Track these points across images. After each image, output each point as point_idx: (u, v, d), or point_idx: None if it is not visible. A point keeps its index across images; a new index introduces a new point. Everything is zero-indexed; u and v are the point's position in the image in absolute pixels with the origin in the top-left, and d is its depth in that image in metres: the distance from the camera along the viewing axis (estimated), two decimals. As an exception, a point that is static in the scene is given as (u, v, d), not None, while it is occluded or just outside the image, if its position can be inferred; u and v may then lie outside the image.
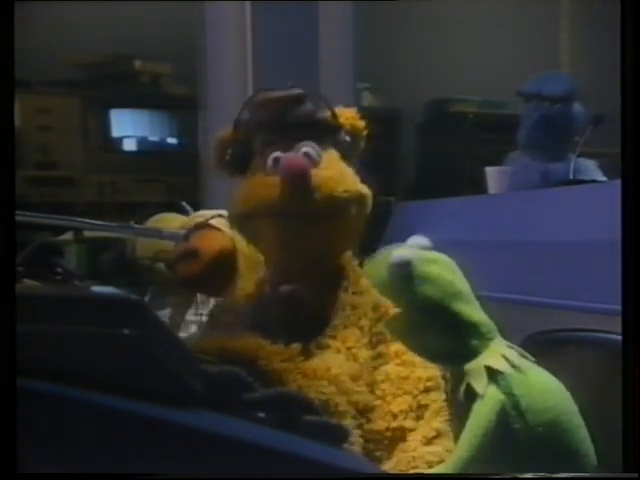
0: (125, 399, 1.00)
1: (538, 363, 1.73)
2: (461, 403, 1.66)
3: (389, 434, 1.66)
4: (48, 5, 4.65)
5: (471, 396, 1.64)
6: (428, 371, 1.71)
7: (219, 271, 1.90)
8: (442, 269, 1.71)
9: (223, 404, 1.09)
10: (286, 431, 1.13)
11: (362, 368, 1.70)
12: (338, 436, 1.23)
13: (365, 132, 1.86)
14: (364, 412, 1.67)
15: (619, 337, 1.32)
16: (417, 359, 1.72)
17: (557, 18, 5.98)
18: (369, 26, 4.25)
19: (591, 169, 3.36)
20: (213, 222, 1.95)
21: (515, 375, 1.64)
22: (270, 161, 1.75)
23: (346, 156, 1.84)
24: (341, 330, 1.72)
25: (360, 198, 1.79)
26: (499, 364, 1.64)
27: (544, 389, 1.66)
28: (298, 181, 1.69)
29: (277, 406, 1.15)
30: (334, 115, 1.81)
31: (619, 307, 1.31)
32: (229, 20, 3.76)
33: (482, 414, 1.61)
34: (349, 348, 1.71)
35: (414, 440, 1.66)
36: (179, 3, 4.47)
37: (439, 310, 1.67)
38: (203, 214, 2.08)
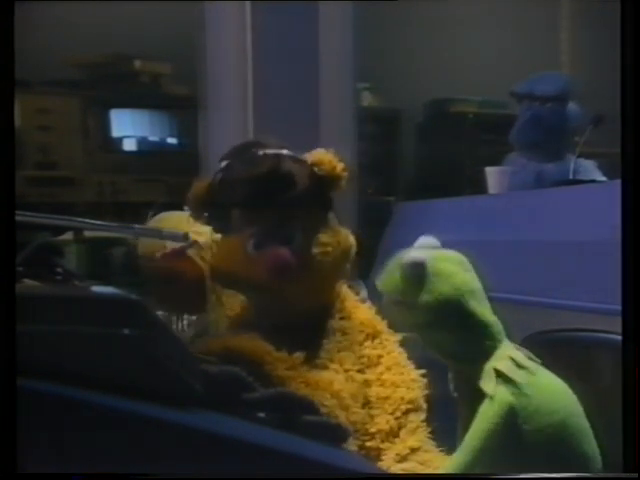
0: (125, 399, 1.00)
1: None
2: (467, 406, 1.65)
3: (363, 453, 1.67)
4: (48, 5, 4.64)
5: (478, 397, 1.64)
6: (410, 392, 1.73)
7: (191, 297, 1.97)
8: (456, 267, 1.70)
9: (223, 404, 1.09)
10: (286, 431, 1.13)
11: (359, 391, 1.71)
12: (338, 436, 1.23)
13: (344, 174, 1.81)
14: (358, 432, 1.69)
15: (619, 337, 1.32)
16: (400, 379, 1.74)
17: (557, 18, 5.98)
18: (369, 26, 4.24)
19: (591, 169, 3.35)
20: (190, 253, 2.01)
21: (525, 377, 1.64)
22: (251, 246, 1.75)
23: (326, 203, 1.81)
24: (336, 354, 1.74)
25: (343, 253, 1.80)
26: (508, 367, 1.64)
27: (553, 391, 1.66)
28: (282, 275, 1.72)
29: (277, 406, 1.15)
30: (313, 167, 1.78)
31: (619, 307, 1.31)
32: (229, 20, 3.75)
33: (487, 418, 1.61)
34: (347, 370, 1.73)
35: (387, 459, 1.68)
36: (179, 3, 4.47)
37: (454, 307, 1.66)
38: (176, 225, 2.11)
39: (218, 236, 2.07)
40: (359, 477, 1.22)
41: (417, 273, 1.66)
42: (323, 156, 1.79)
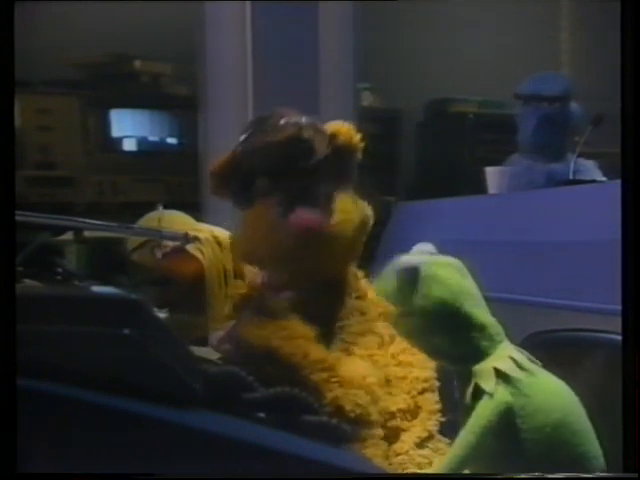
0: (125, 399, 1.00)
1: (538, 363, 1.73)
2: (466, 403, 1.66)
3: (385, 432, 1.67)
4: (48, 5, 4.65)
5: (476, 396, 1.64)
6: (425, 372, 1.73)
7: (190, 295, 1.98)
8: (452, 271, 1.71)
9: (223, 404, 1.09)
10: (286, 431, 1.13)
11: (382, 373, 1.72)
12: (338, 436, 1.23)
13: (361, 145, 1.84)
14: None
15: (619, 337, 1.32)
16: (414, 359, 1.74)
17: (557, 18, 5.98)
18: (369, 26, 4.24)
19: (591, 169, 3.35)
20: (189, 248, 2.01)
21: (523, 377, 1.65)
22: (277, 213, 1.75)
23: (346, 174, 1.82)
24: (359, 337, 1.74)
25: (362, 223, 1.80)
26: (507, 366, 1.65)
27: (552, 391, 1.66)
28: (308, 239, 1.72)
29: (277, 406, 1.15)
30: (331, 138, 1.79)
31: (619, 307, 1.31)
32: (229, 20, 3.75)
33: (483, 415, 1.61)
34: (371, 355, 1.73)
35: (407, 441, 1.68)
36: (179, 3, 4.47)
37: (450, 311, 1.68)
38: (180, 225, 2.12)
39: (220, 233, 2.08)
40: (359, 477, 1.22)
41: (411, 278, 1.67)
42: (341, 127, 1.81)
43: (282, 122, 1.76)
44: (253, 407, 1.13)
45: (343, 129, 1.82)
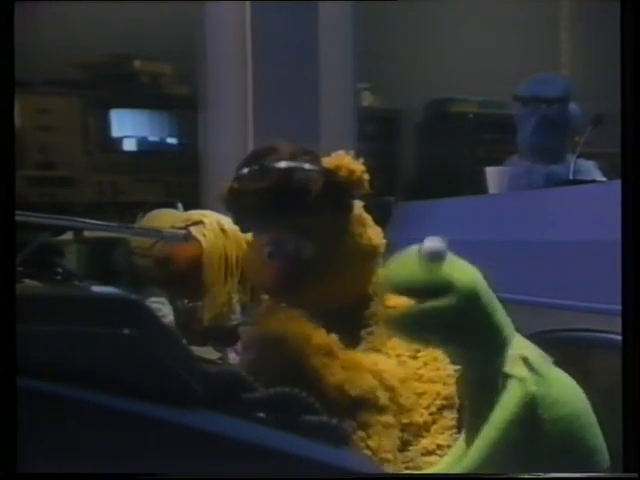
0: (125, 399, 1.00)
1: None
2: (489, 396, 1.62)
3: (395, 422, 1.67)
4: (48, 5, 4.65)
5: (502, 386, 1.61)
6: (446, 389, 1.72)
7: (190, 278, 1.97)
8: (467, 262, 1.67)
9: (223, 404, 1.09)
10: (286, 431, 1.13)
11: (410, 376, 1.71)
12: (338, 436, 1.23)
13: (364, 178, 1.77)
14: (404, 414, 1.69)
15: (619, 337, 1.32)
16: (437, 374, 1.73)
17: (557, 18, 5.98)
18: (369, 26, 4.24)
19: (591, 170, 3.35)
20: (192, 230, 2.01)
21: (546, 366, 1.63)
22: (265, 255, 1.75)
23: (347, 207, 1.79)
24: (387, 338, 1.73)
25: (367, 254, 1.78)
26: (532, 354, 1.62)
27: (566, 383, 1.64)
28: (289, 288, 1.73)
29: (277, 406, 1.15)
30: (331, 173, 1.74)
31: (619, 307, 1.31)
32: (229, 20, 3.75)
33: (508, 408, 1.58)
34: (398, 355, 1.72)
35: (414, 451, 1.68)
36: (179, 3, 4.47)
37: (479, 293, 1.61)
38: (191, 214, 2.12)
39: (226, 222, 2.08)
40: (359, 477, 1.22)
41: (439, 260, 1.60)
42: (340, 161, 1.75)
43: (275, 162, 1.72)
44: (253, 407, 1.13)
45: (343, 163, 1.75)
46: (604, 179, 3.19)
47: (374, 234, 1.81)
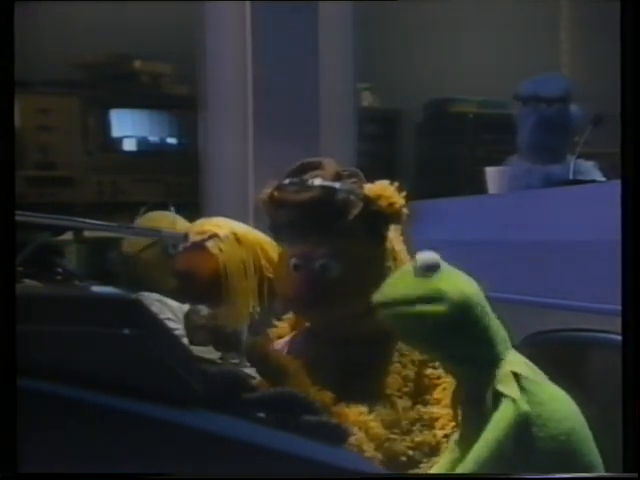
0: (125, 399, 1.00)
1: (537, 363, 1.72)
2: (481, 413, 1.62)
3: (402, 461, 1.68)
4: (48, 5, 4.65)
5: (494, 404, 1.60)
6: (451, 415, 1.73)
7: (210, 293, 1.98)
8: (463, 274, 1.67)
9: (223, 404, 1.09)
10: (286, 431, 1.13)
11: (400, 416, 1.71)
12: (338, 436, 1.23)
13: (404, 212, 1.78)
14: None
15: (619, 337, 1.32)
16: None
17: (557, 18, 5.98)
18: (369, 26, 4.24)
19: (591, 170, 3.35)
20: (208, 245, 2.01)
21: (539, 382, 1.62)
22: (291, 265, 1.77)
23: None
24: (383, 377, 1.74)
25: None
26: (525, 370, 1.61)
27: (561, 399, 1.63)
28: (308, 304, 1.76)
29: (277, 406, 1.15)
30: (370, 201, 1.75)
31: (619, 307, 1.31)
32: (229, 20, 3.75)
33: (500, 428, 1.57)
34: (389, 395, 1.73)
35: (424, 468, 1.68)
36: (179, 3, 4.47)
37: (471, 308, 1.61)
38: (204, 225, 2.12)
39: (240, 229, 2.09)
40: (359, 477, 1.22)
41: (431, 274, 1.61)
42: (383, 191, 1.76)
43: (316, 180, 1.74)
44: (253, 407, 1.13)
45: (385, 193, 1.76)
46: (604, 179, 3.19)
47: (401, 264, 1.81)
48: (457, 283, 1.61)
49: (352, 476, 1.18)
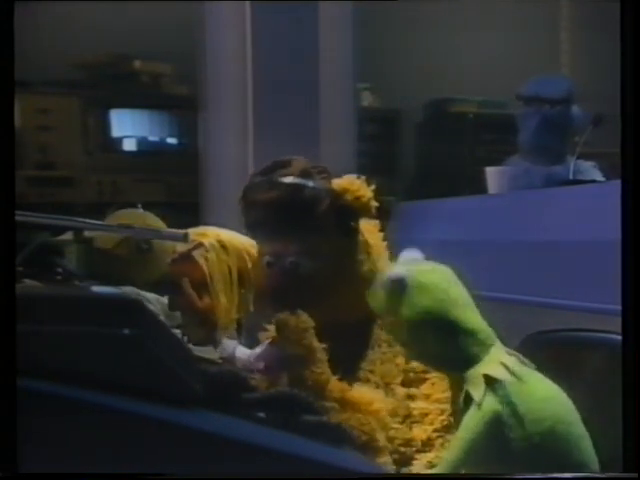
0: (125, 399, 1.00)
1: (537, 363, 1.72)
2: (460, 410, 1.65)
3: (395, 458, 1.69)
4: (48, 5, 4.65)
5: (466, 404, 1.63)
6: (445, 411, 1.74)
7: (199, 297, 1.99)
8: (438, 278, 1.71)
9: (223, 404, 1.09)
10: (286, 431, 1.13)
11: (399, 405, 1.72)
12: (338, 436, 1.23)
13: (372, 204, 1.80)
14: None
15: (619, 337, 1.32)
16: (444, 396, 1.74)
17: (557, 18, 5.98)
18: (369, 26, 4.24)
19: (591, 170, 3.35)
20: (194, 254, 2.04)
21: (514, 383, 1.63)
22: (264, 263, 1.81)
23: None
24: (378, 366, 1.74)
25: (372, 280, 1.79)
26: (498, 372, 1.63)
27: (542, 398, 1.64)
28: (281, 299, 1.78)
29: (277, 406, 1.15)
30: (337, 196, 1.77)
31: (619, 307, 1.31)
32: (229, 20, 3.75)
33: (470, 428, 1.60)
34: (387, 384, 1.73)
35: (419, 465, 1.69)
36: (179, 3, 4.47)
37: (436, 319, 1.67)
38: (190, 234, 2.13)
39: (226, 236, 2.10)
40: (359, 477, 1.22)
41: (398, 289, 1.66)
42: (349, 185, 1.77)
43: (284, 177, 1.75)
44: (253, 407, 1.13)
45: (352, 187, 1.77)
46: (604, 179, 3.19)
47: (379, 263, 1.82)
48: (420, 298, 1.67)
49: (352, 476, 1.18)
